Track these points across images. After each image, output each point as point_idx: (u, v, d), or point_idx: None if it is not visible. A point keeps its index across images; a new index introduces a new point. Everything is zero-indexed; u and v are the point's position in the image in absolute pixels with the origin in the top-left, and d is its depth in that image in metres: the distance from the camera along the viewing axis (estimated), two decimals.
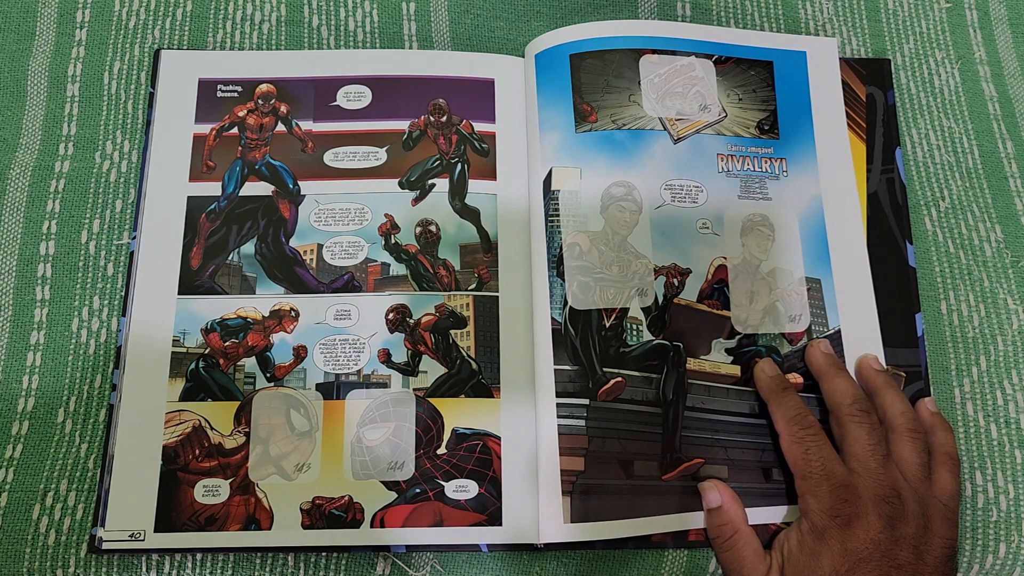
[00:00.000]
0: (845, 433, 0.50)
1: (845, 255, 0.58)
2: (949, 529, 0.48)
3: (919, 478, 0.49)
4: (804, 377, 0.55)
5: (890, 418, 0.51)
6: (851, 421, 0.50)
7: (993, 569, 0.53)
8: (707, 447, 0.53)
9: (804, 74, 0.61)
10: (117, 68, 0.60)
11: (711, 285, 0.56)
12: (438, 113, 0.59)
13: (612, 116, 0.58)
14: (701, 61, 0.60)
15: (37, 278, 0.56)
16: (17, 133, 0.59)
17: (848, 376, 0.53)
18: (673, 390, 0.54)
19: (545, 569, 0.52)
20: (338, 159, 0.58)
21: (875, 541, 0.46)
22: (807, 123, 0.60)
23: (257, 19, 0.62)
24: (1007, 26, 0.67)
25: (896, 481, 0.48)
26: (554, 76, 0.59)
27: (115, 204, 0.57)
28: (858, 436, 0.49)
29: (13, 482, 0.51)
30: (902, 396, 0.52)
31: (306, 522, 0.51)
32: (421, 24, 0.63)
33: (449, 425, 0.53)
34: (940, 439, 0.52)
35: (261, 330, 0.54)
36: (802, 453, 0.49)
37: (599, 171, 0.57)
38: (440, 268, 0.56)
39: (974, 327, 0.58)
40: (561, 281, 0.55)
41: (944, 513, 0.48)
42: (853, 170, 0.60)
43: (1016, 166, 0.63)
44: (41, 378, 0.54)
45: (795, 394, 0.52)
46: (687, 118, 0.59)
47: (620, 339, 0.54)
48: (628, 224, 0.56)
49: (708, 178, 0.58)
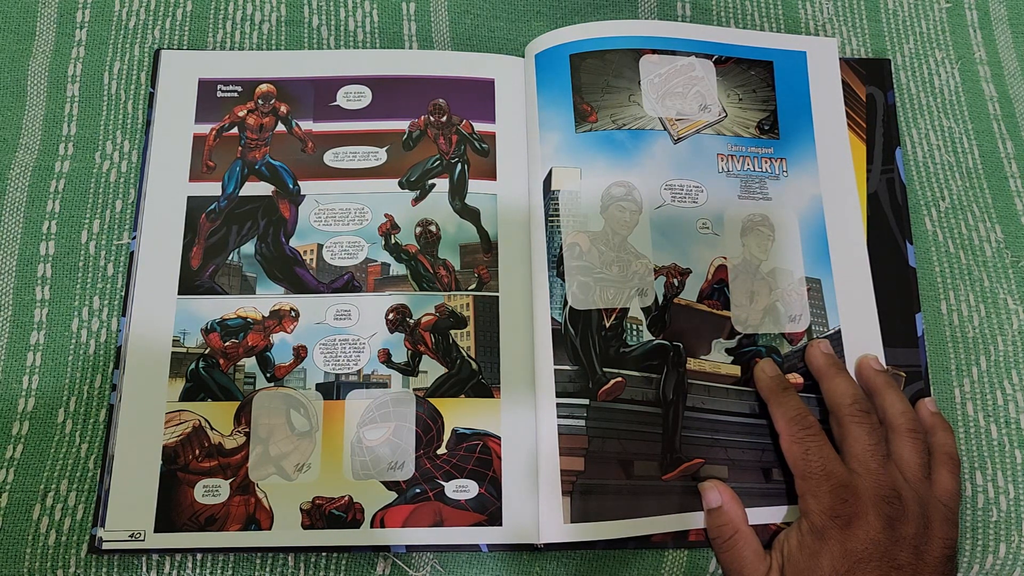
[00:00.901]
0: (845, 433, 0.50)
1: (845, 255, 0.58)
2: (949, 529, 0.48)
3: (919, 478, 0.49)
4: (804, 377, 0.55)
5: (890, 418, 0.51)
6: (851, 421, 0.50)
7: (993, 569, 0.53)
8: (707, 447, 0.53)
9: (804, 74, 0.61)
10: (117, 68, 0.60)
11: (711, 285, 0.56)
12: (438, 113, 0.59)
13: (612, 116, 0.58)
14: (701, 61, 0.60)
15: (37, 278, 0.56)
16: (17, 133, 0.59)
17: (848, 376, 0.53)
18: (673, 390, 0.54)
19: (545, 569, 0.52)
20: (338, 159, 0.58)
21: (875, 541, 0.46)
22: (807, 123, 0.60)
23: (257, 19, 0.62)
24: (1007, 26, 0.67)
25: (896, 481, 0.48)
26: (554, 76, 0.59)
27: (115, 204, 0.57)
28: (858, 436, 0.49)
29: (13, 482, 0.51)
30: (902, 396, 0.52)
31: (306, 522, 0.51)
32: (421, 24, 0.63)
33: (449, 425, 0.53)
34: (940, 439, 0.52)
35: (261, 330, 0.54)
36: (802, 453, 0.49)
37: (599, 171, 0.57)
38: (440, 268, 0.56)
39: (974, 327, 0.58)
40: (561, 281, 0.55)
41: (944, 513, 0.48)
42: (853, 170, 0.60)
43: (1016, 166, 0.63)
44: (41, 378, 0.54)
45: (795, 394, 0.52)
46: (687, 118, 0.59)
47: (620, 339, 0.54)
48: (628, 224, 0.56)
49: (708, 178, 0.58)
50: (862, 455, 0.49)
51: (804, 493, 0.49)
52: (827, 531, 0.47)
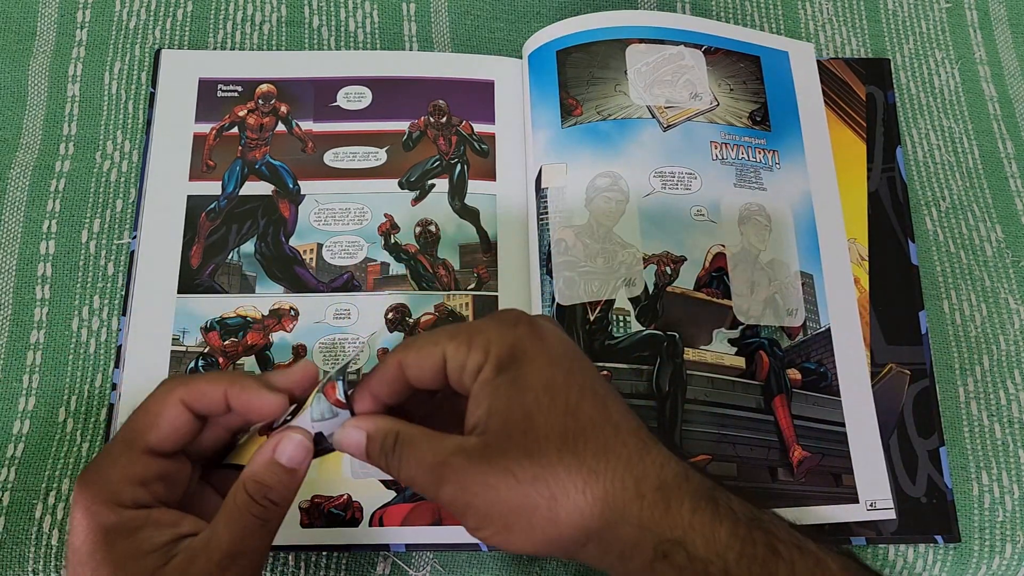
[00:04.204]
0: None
1: (832, 253, 0.57)
2: None
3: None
4: (803, 374, 0.55)
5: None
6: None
7: (999, 570, 0.53)
8: (713, 443, 0.52)
9: (789, 72, 0.61)
10: (118, 68, 0.61)
11: (709, 273, 0.55)
12: (438, 114, 0.60)
13: (597, 107, 0.58)
14: (690, 50, 0.60)
15: (37, 277, 0.56)
16: (17, 133, 0.59)
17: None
18: (670, 381, 0.53)
19: (545, 569, 0.52)
20: (338, 159, 0.58)
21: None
22: (794, 119, 0.60)
23: (258, 20, 0.63)
24: (1007, 26, 0.67)
25: None
26: (544, 74, 0.59)
27: (115, 204, 0.57)
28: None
29: (15, 481, 0.51)
30: None
31: (305, 521, 0.50)
32: (421, 25, 0.63)
33: None
34: None
35: (260, 329, 0.54)
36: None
37: (584, 164, 0.56)
38: (440, 268, 0.56)
39: (976, 326, 0.58)
40: (550, 279, 0.54)
41: None
42: (835, 172, 0.60)
43: (1016, 166, 0.63)
44: (41, 377, 0.54)
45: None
46: (677, 105, 0.58)
47: (605, 332, 0.54)
48: (614, 214, 0.56)
49: (702, 165, 0.57)
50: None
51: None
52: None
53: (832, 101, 0.62)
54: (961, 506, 0.54)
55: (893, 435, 0.54)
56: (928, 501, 0.53)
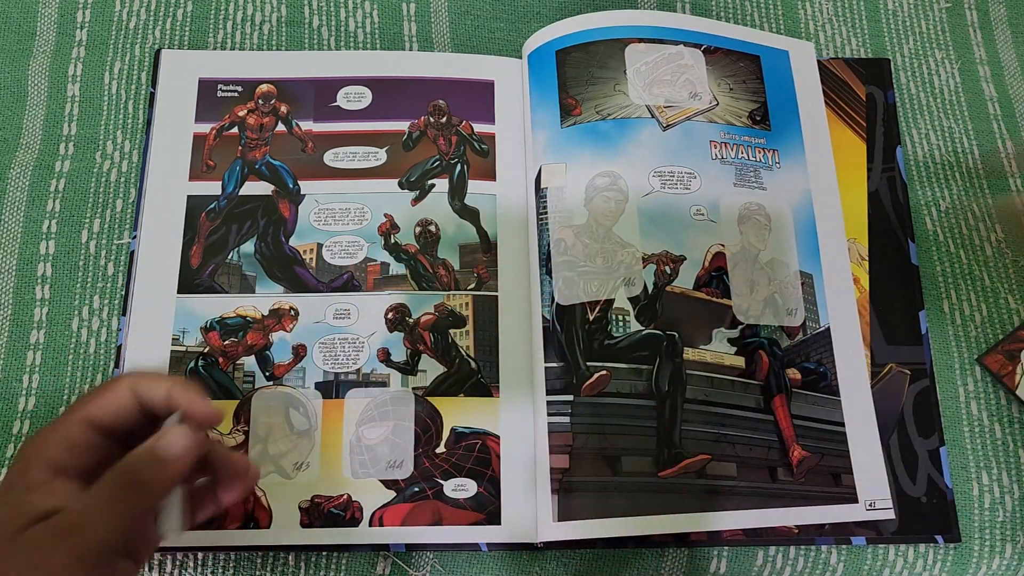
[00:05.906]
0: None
1: (832, 253, 0.58)
2: None
3: None
4: (803, 374, 0.55)
5: None
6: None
7: (999, 570, 0.53)
8: (713, 442, 0.52)
9: (789, 72, 0.61)
10: (118, 68, 0.61)
11: (708, 272, 0.55)
12: (438, 114, 0.60)
13: (596, 107, 0.58)
14: (690, 50, 0.60)
15: (37, 277, 0.56)
16: (18, 133, 0.59)
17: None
18: (669, 381, 0.53)
19: (545, 569, 0.52)
20: (338, 159, 0.58)
21: None
22: (795, 119, 0.60)
23: (258, 20, 0.63)
24: (1007, 26, 0.67)
25: None
26: (543, 74, 0.59)
27: (115, 204, 0.57)
28: None
29: None
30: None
31: (305, 521, 0.50)
32: (421, 25, 0.63)
33: (448, 424, 0.53)
34: None
35: (260, 329, 0.54)
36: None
37: (584, 164, 0.57)
38: (439, 268, 0.56)
39: (976, 326, 0.58)
40: (550, 278, 0.55)
41: None
42: (835, 172, 0.60)
43: (1016, 166, 0.62)
44: (42, 377, 0.54)
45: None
46: (676, 105, 0.58)
47: (605, 331, 0.54)
48: (613, 213, 0.56)
49: (701, 165, 0.57)
50: None
51: None
52: None
53: (832, 101, 0.62)
54: (961, 506, 0.54)
55: (893, 435, 0.54)
56: (928, 501, 0.53)
